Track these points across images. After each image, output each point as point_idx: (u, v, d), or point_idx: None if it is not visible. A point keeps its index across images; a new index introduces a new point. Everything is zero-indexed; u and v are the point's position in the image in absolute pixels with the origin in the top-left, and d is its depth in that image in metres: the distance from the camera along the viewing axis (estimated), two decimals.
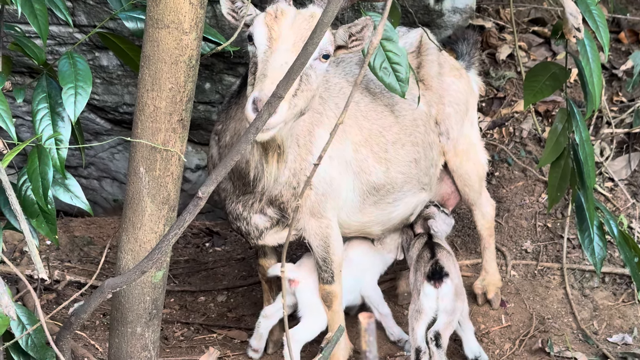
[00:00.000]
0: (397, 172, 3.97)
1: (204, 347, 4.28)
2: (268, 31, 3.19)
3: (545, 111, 5.28)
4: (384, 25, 3.24)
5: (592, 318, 4.42)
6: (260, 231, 3.83)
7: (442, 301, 3.83)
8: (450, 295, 3.84)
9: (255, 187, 3.63)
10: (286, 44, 3.14)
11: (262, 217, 3.79)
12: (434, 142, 4.15)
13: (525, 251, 4.77)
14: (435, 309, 3.84)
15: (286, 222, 3.79)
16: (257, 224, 3.80)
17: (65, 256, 5.05)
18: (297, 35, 3.16)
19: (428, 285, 3.84)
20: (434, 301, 3.83)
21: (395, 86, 3.41)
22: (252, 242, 3.89)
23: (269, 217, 3.78)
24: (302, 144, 3.66)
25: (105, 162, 5.47)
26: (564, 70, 3.65)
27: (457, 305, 3.88)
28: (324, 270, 3.88)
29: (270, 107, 2.68)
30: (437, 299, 3.83)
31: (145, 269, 2.90)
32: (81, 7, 4.50)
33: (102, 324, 4.44)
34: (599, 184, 4.91)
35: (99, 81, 4.89)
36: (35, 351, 3.10)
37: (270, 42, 3.17)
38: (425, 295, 3.84)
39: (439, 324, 3.82)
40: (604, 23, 3.36)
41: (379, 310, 4.26)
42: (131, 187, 3.13)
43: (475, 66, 4.52)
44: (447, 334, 3.85)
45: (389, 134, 3.94)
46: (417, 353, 3.81)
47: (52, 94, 3.12)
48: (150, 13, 2.93)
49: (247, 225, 3.80)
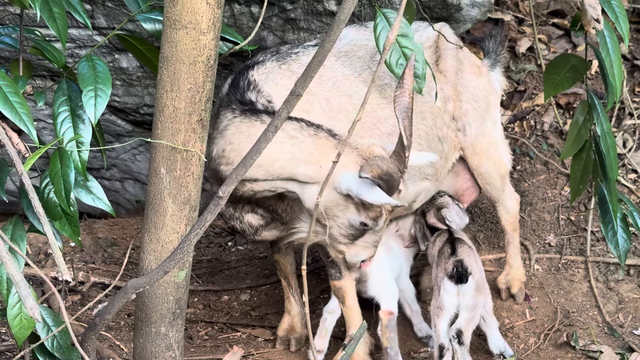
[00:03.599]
0: None
1: (228, 346, 4.29)
2: (384, 222, 3.61)
3: (566, 103, 5.25)
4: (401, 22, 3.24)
5: (617, 311, 4.39)
6: (255, 228, 3.86)
7: (463, 297, 3.81)
8: (471, 292, 3.82)
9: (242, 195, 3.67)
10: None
11: (254, 216, 3.82)
12: (446, 136, 4.10)
13: (548, 245, 4.74)
14: (457, 304, 3.82)
15: (281, 220, 3.80)
16: (250, 222, 3.84)
17: (89, 257, 5.09)
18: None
19: (448, 282, 3.82)
20: (454, 297, 3.82)
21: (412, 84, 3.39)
22: (249, 238, 3.93)
23: (261, 216, 3.81)
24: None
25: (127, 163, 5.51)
26: (584, 62, 3.62)
27: (479, 300, 3.87)
28: (330, 266, 3.88)
29: (289, 105, 2.69)
30: (458, 295, 3.81)
31: (167, 269, 2.92)
32: (100, 9, 4.53)
33: (126, 324, 4.47)
34: (621, 176, 4.87)
35: (119, 83, 4.91)
36: (60, 352, 3.13)
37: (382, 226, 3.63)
38: (445, 291, 3.82)
39: (461, 321, 3.80)
40: (623, 13, 3.33)
41: (411, 306, 4.27)
42: (152, 187, 3.14)
43: (501, 64, 4.47)
44: (470, 330, 3.83)
45: (384, 126, 3.89)
46: (441, 350, 3.80)
47: (73, 96, 3.14)
48: (168, 14, 2.95)
49: (241, 223, 3.84)
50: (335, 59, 3.91)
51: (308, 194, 3.53)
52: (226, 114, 3.67)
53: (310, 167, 3.48)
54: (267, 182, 3.58)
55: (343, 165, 3.40)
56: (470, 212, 4.78)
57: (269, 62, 3.81)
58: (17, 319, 3.02)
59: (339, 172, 3.38)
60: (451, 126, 4.12)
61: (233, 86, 3.73)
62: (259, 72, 3.75)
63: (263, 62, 3.81)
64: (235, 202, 3.78)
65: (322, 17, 4.64)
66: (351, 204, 3.51)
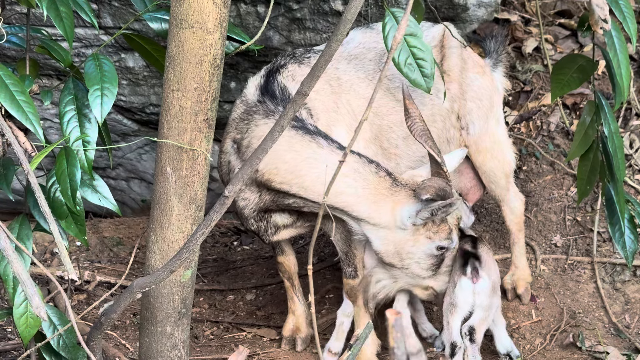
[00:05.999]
0: (407, 167, 3.97)
1: (233, 346, 4.29)
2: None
3: (573, 104, 5.23)
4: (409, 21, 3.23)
5: (623, 312, 4.38)
6: (277, 227, 3.88)
7: (479, 296, 3.80)
8: (487, 291, 3.81)
9: (289, 204, 3.73)
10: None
11: (282, 215, 3.84)
12: (453, 138, 4.14)
13: (554, 245, 4.73)
14: (472, 303, 3.81)
15: (306, 217, 3.82)
16: (276, 221, 3.85)
17: (95, 257, 5.10)
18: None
19: (465, 279, 3.80)
20: (470, 295, 3.80)
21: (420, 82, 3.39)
22: (266, 238, 3.92)
23: (289, 214, 3.83)
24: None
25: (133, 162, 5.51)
26: (592, 62, 3.61)
27: (494, 301, 3.86)
28: (346, 264, 3.88)
29: (295, 104, 2.69)
30: (474, 294, 3.80)
31: (173, 268, 2.92)
32: (106, 9, 4.53)
33: (132, 323, 4.48)
34: (629, 177, 4.86)
35: (125, 82, 4.92)
36: (66, 351, 3.13)
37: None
38: (461, 288, 3.80)
39: (475, 319, 3.79)
40: (631, 14, 3.32)
41: (415, 306, 4.26)
42: (158, 187, 3.14)
43: (503, 64, 4.47)
44: (482, 329, 3.83)
45: (400, 129, 3.92)
46: (453, 348, 3.79)
47: (79, 96, 3.14)
48: (174, 13, 2.95)
49: (267, 223, 3.85)
50: (347, 62, 3.94)
51: (376, 237, 3.62)
52: (269, 125, 3.55)
53: (370, 208, 3.56)
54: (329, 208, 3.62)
55: (396, 203, 3.53)
56: (476, 212, 4.78)
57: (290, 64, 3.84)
58: (23, 318, 3.02)
59: (395, 211, 3.52)
60: (456, 125, 4.14)
61: (269, 95, 3.71)
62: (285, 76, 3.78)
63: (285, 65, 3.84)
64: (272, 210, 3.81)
65: (329, 17, 4.64)
66: (420, 236, 3.60)
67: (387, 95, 3.96)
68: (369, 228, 3.61)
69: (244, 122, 3.74)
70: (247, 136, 3.70)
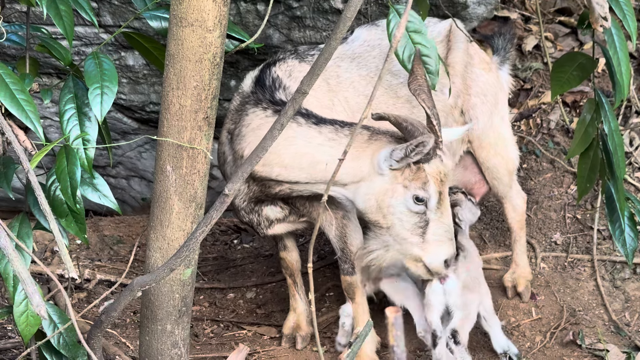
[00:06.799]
0: None
1: (233, 344, 4.29)
2: (439, 195, 3.54)
3: (573, 102, 5.23)
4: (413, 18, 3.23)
5: (623, 309, 4.38)
6: (270, 221, 3.91)
7: (450, 296, 3.81)
8: (456, 291, 3.82)
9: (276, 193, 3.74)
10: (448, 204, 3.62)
11: (273, 209, 3.87)
12: None
13: (554, 243, 4.73)
14: (444, 302, 3.82)
15: (299, 212, 3.85)
16: (268, 215, 3.89)
17: (96, 255, 5.10)
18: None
19: (434, 281, 3.81)
20: (441, 296, 3.82)
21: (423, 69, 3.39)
22: (260, 232, 3.96)
23: (281, 208, 3.87)
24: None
25: (133, 161, 5.51)
26: (591, 60, 3.61)
27: (471, 297, 3.86)
28: (343, 261, 3.89)
29: (295, 102, 2.69)
30: (445, 294, 3.82)
31: (173, 266, 2.92)
32: (106, 7, 4.53)
33: (132, 321, 4.48)
34: (629, 174, 4.86)
35: (125, 81, 4.92)
36: (67, 350, 3.13)
37: (440, 204, 3.55)
38: (432, 290, 3.82)
39: (455, 322, 3.81)
40: (631, 11, 3.32)
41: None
42: (158, 185, 3.14)
43: (509, 62, 4.47)
44: (466, 328, 3.84)
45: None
46: (434, 338, 3.80)
47: (79, 94, 3.14)
48: (174, 12, 2.94)
49: (259, 216, 3.89)
50: (350, 61, 3.95)
51: (360, 194, 3.57)
52: (257, 112, 3.71)
53: (351, 165, 3.51)
54: (310, 185, 3.63)
55: (375, 151, 3.50)
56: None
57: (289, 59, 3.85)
58: (23, 316, 3.02)
59: (373, 158, 3.49)
60: (459, 120, 4.15)
61: (260, 85, 3.76)
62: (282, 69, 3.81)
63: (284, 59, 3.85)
64: (262, 201, 3.83)
65: (329, 15, 4.64)
66: (397, 185, 3.52)
67: (388, 92, 3.96)
68: (352, 188, 3.58)
69: (238, 112, 3.79)
70: (239, 125, 3.76)
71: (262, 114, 3.68)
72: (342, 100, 3.83)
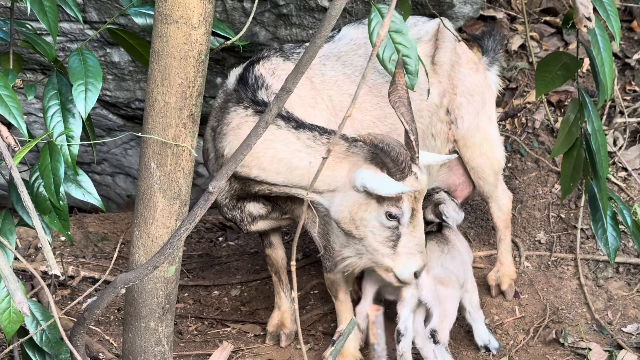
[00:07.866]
0: None
1: (217, 341, 4.29)
2: (411, 211, 3.55)
3: (557, 101, 5.26)
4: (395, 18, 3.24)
5: (606, 308, 4.41)
6: (253, 217, 3.92)
7: (423, 290, 3.83)
8: (428, 285, 3.83)
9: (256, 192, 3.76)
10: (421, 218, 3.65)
11: (256, 205, 3.88)
12: (439, 132, 4.15)
13: (538, 242, 4.75)
14: (417, 296, 3.83)
15: (281, 210, 3.86)
16: (251, 211, 3.89)
17: (80, 252, 5.08)
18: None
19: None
20: (414, 289, 3.83)
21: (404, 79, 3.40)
22: (244, 228, 3.97)
23: (263, 204, 3.88)
24: None
25: (118, 158, 5.50)
26: (576, 60, 3.63)
27: (444, 293, 3.87)
28: (326, 259, 3.89)
29: (280, 101, 2.69)
30: (417, 288, 3.82)
31: (157, 263, 2.91)
32: (92, 3, 4.52)
33: (116, 319, 4.47)
34: (612, 174, 4.88)
35: (110, 77, 4.90)
36: (49, 347, 3.12)
37: (413, 219, 3.57)
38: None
39: (434, 322, 3.82)
40: (614, 12, 3.34)
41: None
42: (143, 182, 3.14)
43: (498, 63, 4.49)
44: (445, 327, 3.85)
45: (383, 125, 3.93)
46: (398, 335, 3.81)
47: (63, 90, 3.13)
48: (159, 8, 2.94)
49: (242, 213, 3.90)
50: (335, 59, 3.96)
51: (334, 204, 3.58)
52: (238, 111, 3.71)
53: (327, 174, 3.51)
54: (287, 188, 3.65)
55: (355, 165, 3.50)
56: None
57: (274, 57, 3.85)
58: (5, 313, 3.01)
59: (352, 172, 3.49)
60: (445, 119, 4.15)
61: (242, 83, 3.75)
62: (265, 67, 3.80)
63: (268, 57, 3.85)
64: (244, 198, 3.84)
65: (315, 13, 4.64)
66: (371, 200, 3.53)
67: (372, 91, 3.97)
68: (328, 197, 3.59)
69: (221, 110, 3.80)
70: (221, 123, 3.77)
71: (243, 113, 3.68)
72: (326, 99, 3.83)
